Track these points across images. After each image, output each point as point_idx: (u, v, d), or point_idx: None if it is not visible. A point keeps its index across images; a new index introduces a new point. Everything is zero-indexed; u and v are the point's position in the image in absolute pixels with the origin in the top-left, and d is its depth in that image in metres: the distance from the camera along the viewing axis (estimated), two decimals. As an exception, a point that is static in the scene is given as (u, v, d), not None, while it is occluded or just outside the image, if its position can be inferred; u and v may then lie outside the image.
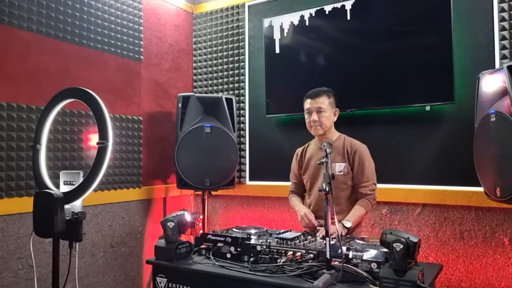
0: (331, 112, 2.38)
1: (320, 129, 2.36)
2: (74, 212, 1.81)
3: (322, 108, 2.33)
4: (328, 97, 2.36)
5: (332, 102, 2.38)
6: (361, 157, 2.34)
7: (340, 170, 2.34)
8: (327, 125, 2.36)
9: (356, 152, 2.35)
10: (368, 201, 2.31)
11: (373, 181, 2.35)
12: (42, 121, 1.95)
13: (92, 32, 2.82)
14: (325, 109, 2.34)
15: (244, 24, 3.51)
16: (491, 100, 2.09)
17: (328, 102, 2.35)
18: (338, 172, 2.33)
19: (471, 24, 2.62)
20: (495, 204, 2.39)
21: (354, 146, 2.37)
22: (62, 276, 1.86)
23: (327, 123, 2.35)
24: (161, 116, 3.44)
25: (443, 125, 2.69)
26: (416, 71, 2.72)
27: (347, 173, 2.34)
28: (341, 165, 2.35)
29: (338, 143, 2.39)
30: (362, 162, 2.34)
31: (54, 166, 2.53)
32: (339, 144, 2.39)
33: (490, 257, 2.55)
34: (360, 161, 2.34)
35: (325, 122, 2.34)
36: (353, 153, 2.35)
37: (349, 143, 2.39)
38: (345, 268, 1.65)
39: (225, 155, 3.07)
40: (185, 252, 2.08)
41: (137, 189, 3.15)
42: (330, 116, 2.37)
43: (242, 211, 3.50)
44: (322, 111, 2.33)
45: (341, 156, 2.36)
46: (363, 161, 2.34)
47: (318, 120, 2.33)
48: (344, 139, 2.41)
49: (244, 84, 3.49)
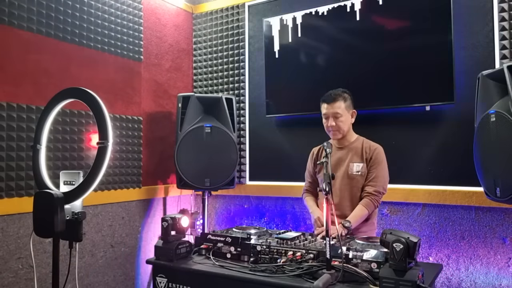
0: (348, 115, 2.38)
1: (338, 134, 2.38)
2: (74, 212, 1.81)
3: (339, 113, 2.33)
4: (344, 100, 2.36)
5: (349, 104, 2.38)
6: (377, 159, 2.35)
7: (357, 170, 2.35)
8: (344, 129, 2.37)
9: (373, 153, 2.36)
10: (370, 201, 2.30)
11: (382, 185, 2.34)
12: (42, 121, 1.95)
13: (92, 32, 2.82)
14: (342, 114, 2.34)
15: (244, 24, 3.51)
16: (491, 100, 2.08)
17: (344, 106, 2.35)
18: (356, 172, 2.35)
19: (471, 24, 2.62)
20: (495, 204, 2.39)
21: (373, 147, 2.39)
22: (62, 276, 1.85)
23: (344, 127, 2.37)
24: (161, 116, 3.44)
25: (443, 125, 2.69)
26: (416, 71, 2.72)
27: (364, 173, 2.35)
28: (359, 165, 2.35)
29: (357, 144, 2.41)
30: (376, 163, 2.35)
31: (54, 166, 2.53)
32: (358, 145, 2.40)
33: (490, 257, 2.55)
34: (375, 162, 2.35)
35: (342, 127, 2.36)
36: (371, 154, 2.36)
37: (368, 144, 2.40)
38: (345, 268, 1.65)
39: (225, 155, 3.06)
40: (185, 252, 2.08)
41: (137, 189, 3.15)
42: (347, 120, 2.38)
43: (242, 211, 3.50)
44: (339, 116, 2.34)
45: (359, 156, 2.37)
46: (378, 162, 2.35)
47: (335, 125, 2.34)
48: (362, 141, 2.43)
49: (244, 84, 3.49)
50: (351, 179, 2.35)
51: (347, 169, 2.36)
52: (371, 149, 2.38)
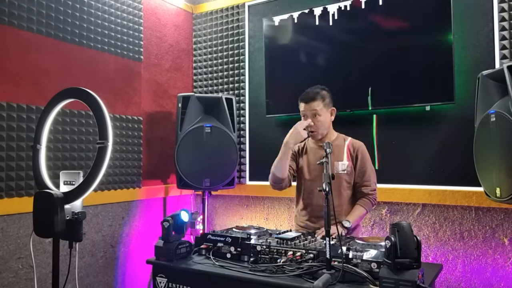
0: (327, 113, 2.33)
1: (318, 134, 2.34)
2: (74, 212, 1.81)
3: (317, 112, 2.29)
4: (323, 99, 2.31)
5: (328, 102, 2.33)
6: (363, 157, 2.35)
7: (343, 169, 2.32)
8: (324, 128, 2.33)
9: (358, 150, 2.35)
10: (369, 200, 2.31)
11: (374, 181, 2.36)
12: (42, 121, 1.95)
13: (92, 32, 2.82)
14: (320, 113, 2.30)
15: (244, 24, 3.51)
16: (491, 100, 2.09)
17: (322, 105, 2.30)
18: (341, 171, 2.32)
19: (471, 24, 2.62)
20: (495, 204, 2.39)
21: (356, 144, 2.37)
22: (62, 276, 1.86)
23: (323, 126, 2.33)
24: (161, 116, 3.44)
25: (443, 125, 2.69)
26: (416, 71, 2.72)
27: (350, 172, 2.33)
28: (344, 164, 2.33)
29: (339, 142, 2.38)
30: (364, 161, 2.34)
31: (54, 166, 2.53)
32: (340, 143, 2.38)
33: (490, 257, 2.55)
34: (362, 160, 2.34)
35: (320, 127, 2.32)
36: (356, 152, 2.34)
37: (350, 142, 2.38)
38: (345, 268, 1.65)
39: (225, 155, 3.07)
40: (185, 252, 2.08)
41: (137, 189, 3.15)
42: (326, 118, 2.33)
43: (242, 211, 3.50)
44: (318, 115, 2.29)
45: (344, 155, 2.35)
46: (365, 160, 2.35)
47: (314, 124, 2.30)
48: (343, 138, 2.40)
49: (244, 84, 3.49)
50: (337, 177, 2.27)
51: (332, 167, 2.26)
52: (355, 146, 2.36)
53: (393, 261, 1.50)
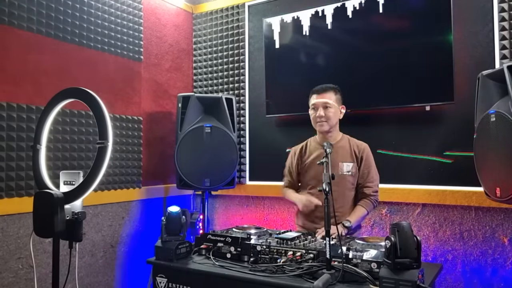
0: (338, 108, 2.34)
1: (326, 125, 2.31)
2: (74, 212, 1.81)
3: (329, 104, 2.29)
4: (335, 93, 2.34)
5: (339, 98, 2.36)
6: (368, 158, 2.36)
7: (348, 170, 2.33)
8: (333, 121, 2.33)
9: (363, 152, 2.36)
10: (370, 201, 2.31)
11: (377, 183, 2.37)
12: (42, 121, 1.95)
13: (92, 32, 2.82)
14: (332, 105, 2.30)
15: (244, 24, 3.51)
16: (491, 100, 2.08)
17: (335, 98, 2.32)
18: (346, 172, 2.33)
19: (471, 24, 2.62)
20: (495, 204, 2.39)
21: (361, 146, 2.38)
22: (62, 276, 1.85)
23: (333, 119, 2.32)
24: (161, 116, 3.44)
25: (443, 125, 2.69)
26: (416, 71, 2.72)
27: (355, 173, 2.34)
28: (349, 165, 2.33)
29: (343, 143, 2.39)
30: (368, 162, 2.35)
31: (54, 166, 2.53)
32: (345, 144, 2.38)
33: (490, 257, 2.55)
34: (367, 161, 2.35)
35: (331, 118, 2.31)
36: (361, 153, 2.35)
37: (355, 143, 2.39)
38: (345, 268, 1.65)
39: (225, 155, 3.06)
40: (185, 252, 2.08)
41: (137, 189, 3.15)
42: (336, 112, 2.33)
43: (242, 211, 3.50)
44: (329, 106, 2.29)
45: (349, 156, 2.35)
46: (370, 162, 2.36)
47: (324, 115, 2.29)
48: (348, 139, 2.41)
49: (244, 84, 3.49)
50: (341, 178, 2.30)
51: (337, 168, 2.31)
52: (360, 148, 2.36)
53: (393, 261, 1.50)
